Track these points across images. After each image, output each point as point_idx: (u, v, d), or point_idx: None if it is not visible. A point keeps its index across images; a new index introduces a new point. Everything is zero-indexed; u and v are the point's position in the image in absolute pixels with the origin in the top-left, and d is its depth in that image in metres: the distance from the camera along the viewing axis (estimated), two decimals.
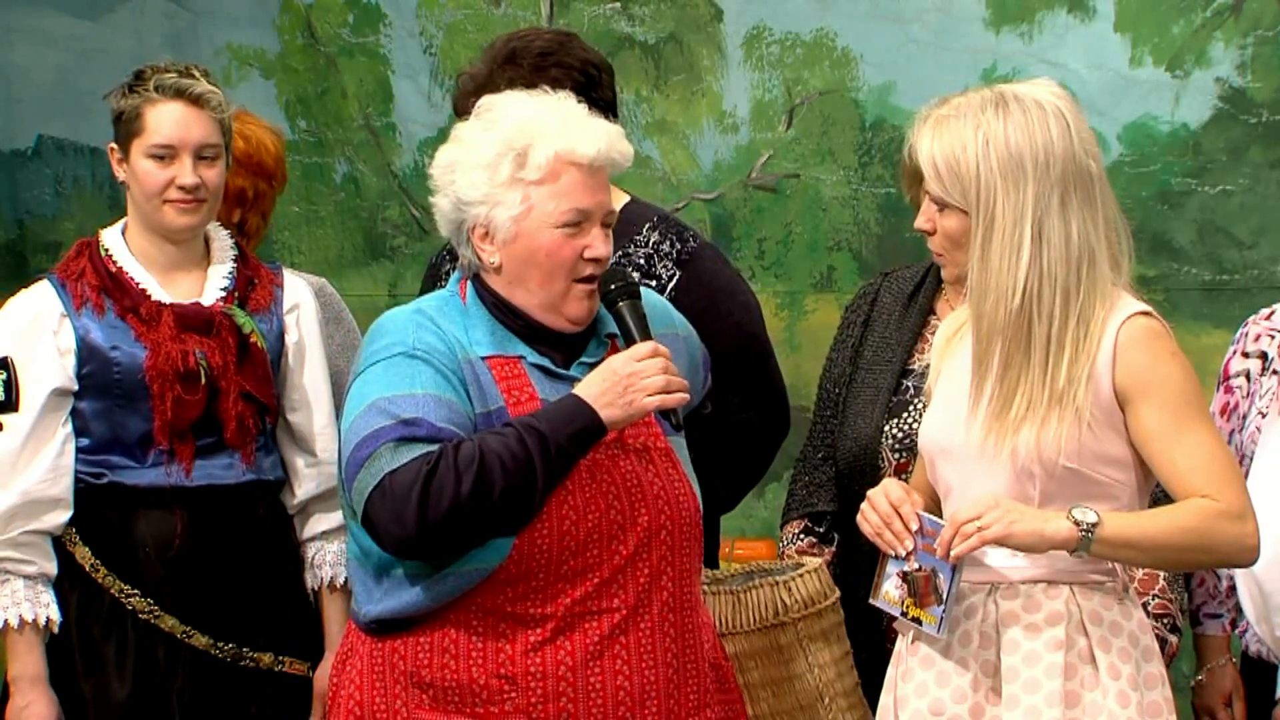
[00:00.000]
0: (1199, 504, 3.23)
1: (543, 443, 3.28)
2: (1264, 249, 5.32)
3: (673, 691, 3.40)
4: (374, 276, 6.13)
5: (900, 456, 4.01)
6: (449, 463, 3.25)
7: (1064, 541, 3.21)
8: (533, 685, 3.34)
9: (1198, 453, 3.24)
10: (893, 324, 4.12)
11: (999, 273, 3.26)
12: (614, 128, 3.45)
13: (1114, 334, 3.27)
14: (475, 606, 3.35)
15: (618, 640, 3.36)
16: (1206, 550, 3.26)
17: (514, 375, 3.40)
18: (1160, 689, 3.32)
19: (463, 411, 3.34)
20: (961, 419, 3.34)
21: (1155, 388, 3.26)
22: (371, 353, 3.40)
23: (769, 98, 5.77)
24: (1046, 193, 3.26)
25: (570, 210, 3.37)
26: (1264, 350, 3.98)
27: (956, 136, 3.29)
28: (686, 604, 3.44)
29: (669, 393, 3.35)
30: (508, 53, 4.07)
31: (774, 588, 3.79)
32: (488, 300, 3.45)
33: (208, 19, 6.22)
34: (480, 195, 3.39)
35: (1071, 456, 3.26)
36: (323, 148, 6.16)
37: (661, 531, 3.40)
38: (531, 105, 3.46)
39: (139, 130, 3.90)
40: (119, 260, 3.96)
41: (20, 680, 3.87)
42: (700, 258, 4.13)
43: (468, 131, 3.45)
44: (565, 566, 3.34)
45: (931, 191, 3.35)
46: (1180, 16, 5.38)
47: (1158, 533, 3.23)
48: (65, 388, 3.89)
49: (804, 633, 3.78)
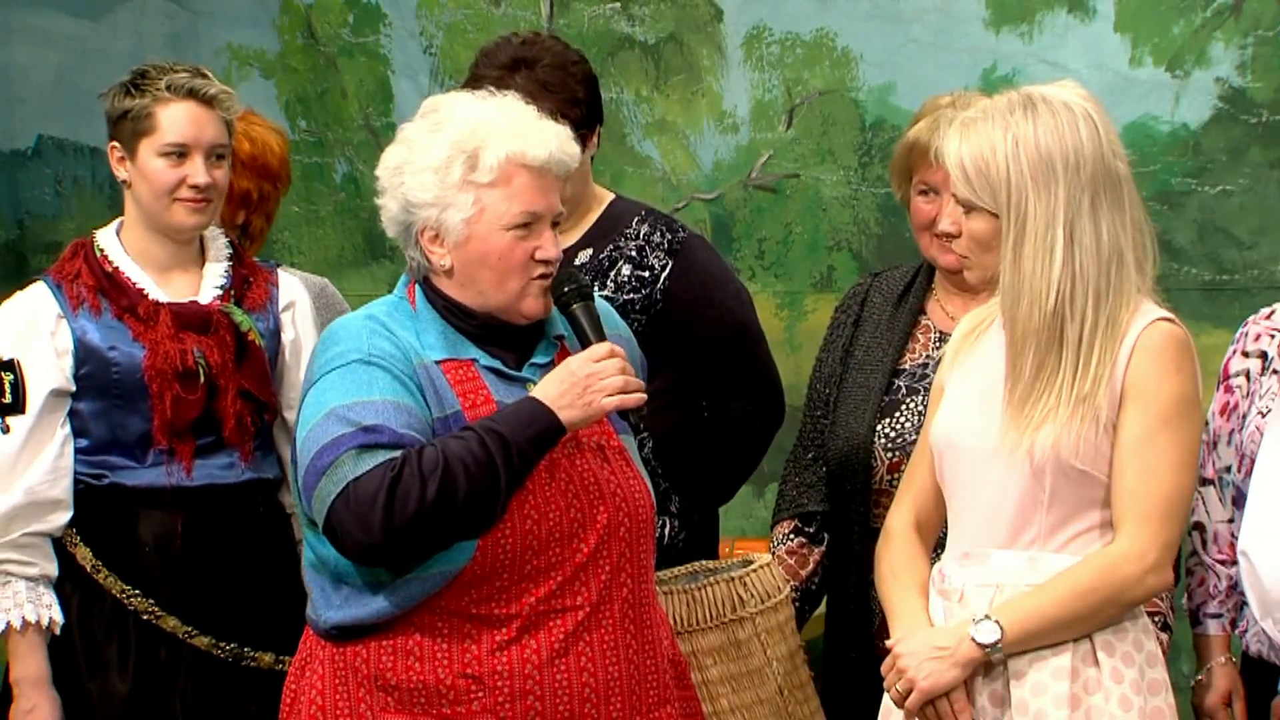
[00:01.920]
0: (1094, 559, 3.27)
1: (504, 445, 3.28)
2: (1264, 249, 5.32)
3: (634, 687, 3.41)
4: (374, 276, 6.13)
5: (893, 455, 4.01)
6: (413, 468, 3.25)
7: (973, 661, 3.27)
8: (499, 684, 3.34)
9: (1146, 477, 3.26)
10: (883, 324, 4.13)
11: (1032, 275, 3.26)
12: (563, 129, 3.44)
13: (1134, 337, 3.28)
14: (439, 609, 3.35)
15: (581, 638, 3.36)
16: (1115, 602, 3.28)
17: (468, 378, 3.40)
18: (1163, 695, 3.33)
19: (421, 417, 3.33)
20: (979, 416, 3.34)
21: (1145, 395, 3.26)
22: (326, 360, 3.38)
23: (769, 98, 5.77)
24: (1077, 194, 3.26)
25: (522, 212, 3.37)
26: (1264, 350, 3.98)
27: (985, 138, 3.28)
28: (644, 600, 3.45)
29: (627, 393, 3.35)
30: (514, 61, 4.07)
31: (730, 584, 3.81)
32: (438, 303, 3.44)
33: (208, 19, 6.22)
34: (430, 197, 3.38)
35: (1085, 459, 3.27)
36: (323, 148, 6.16)
37: (620, 529, 3.40)
38: (480, 107, 3.45)
39: (150, 129, 3.90)
40: (115, 260, 3.96)
41: (23, 682, 3.88)
42: (691, 247, 4.16)
43: (415, 132, 3.43)
44: (529, 566, 3.34)
45: (959, 194, 3.34)
46: (1180, 16, 5.37)
47: (1059, 611, 3.26)
48: (63, 389, 3.89)
49: (761, 627, 3.80)
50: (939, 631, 3.33)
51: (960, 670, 3.28)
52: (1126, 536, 3.26)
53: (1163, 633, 3.92)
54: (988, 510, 3.34)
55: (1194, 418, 3.30)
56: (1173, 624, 3.94)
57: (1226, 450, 3.98)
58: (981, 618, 3.27)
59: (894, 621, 3.42)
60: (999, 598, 3.32)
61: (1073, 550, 3.30)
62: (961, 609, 3.34)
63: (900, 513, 3.53)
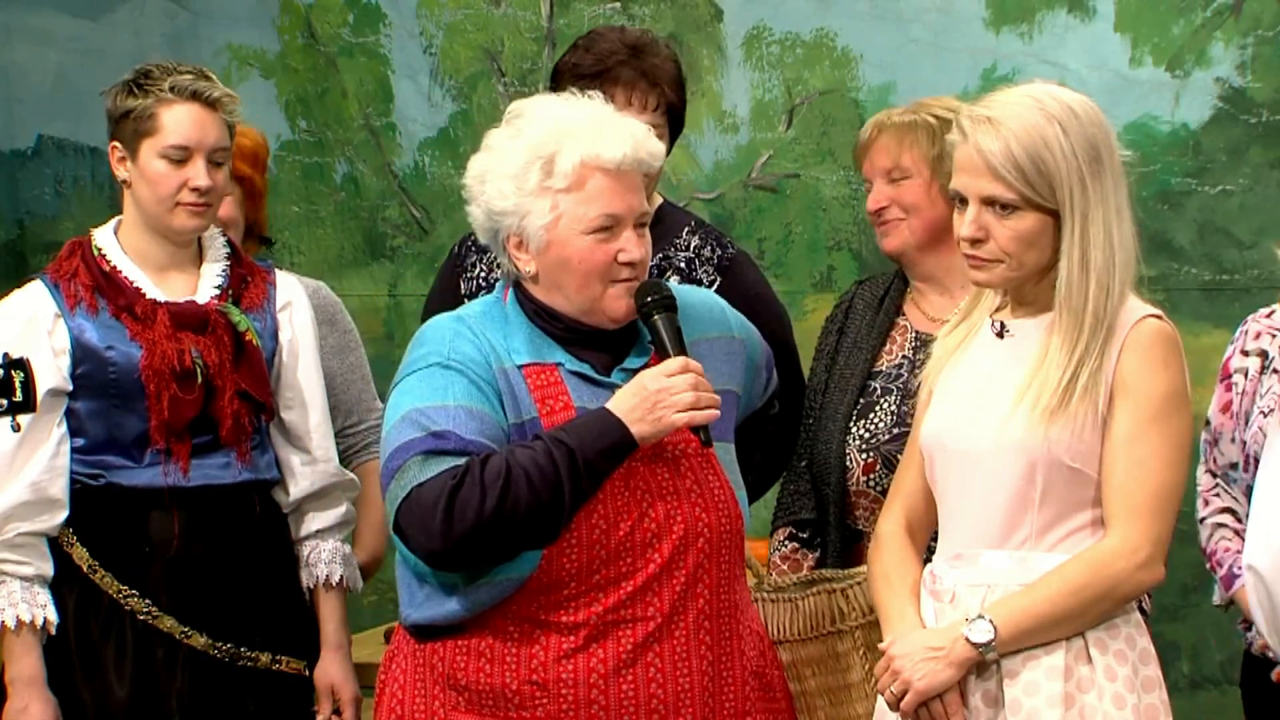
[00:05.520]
0: (1085, 556, 3.27)
1: (571, 458, 3.27)
2: (1264, 249, 5.32)
3: (708, 700, 3.38)
4: (374, 276, 6.12)
5: (867, 456, 4.01)
6: (474, 478, 3.25)
7: (968, 661, 3.27)
8: (564, 692, 3.33)
9: (1136, 472, 3.25)
10: (864, 329, 4.14)
11: (1100, 268, 3.25)
12: (642, 127, 3.42)
13: (1124, 334, 3.28)
14: (510, 613, 3.35)
15: (651, 649, 3.35)
16: (1108, 598, 3.27)
17: (550, 384, 3.39)
18: (1157, 692, 3.32)
19: (495, 423, 3.33)
20: (971, 418, 3.34)
21: (1135, 391, 3.26)
22: (409, 362, 3.41)
23: (769, 98, 5.76)
24: (1115, 184, 3.26)
25: (601, 215, 3.35)
26: (1264, 349, 3.98)
27: (1035, 132, 3.24)
28: (725, 611, 3.41)
29: (698, 409, 3.33)
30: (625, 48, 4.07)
31: (831, 595, 3.76)
32: (527, 307, 3.44)
33: (208, 19, 6.22)
34: (510, 205, 3.37)
35: (1077, 456, 3.27)
36: (323, 148, 6.16)
37: (699, 539, 3.38)
38: (558, 109, 3.43)
39: (152, 130, 3.90)
40: (112, 259, 3.96)
41: (18, 682, 3.87)
42: (739, 264, 4.16)
43: (497, 139, 3.43)
44: (597, 576, 3.33)
45: (997, 195, 3.27)
46: (1180, 16, 5.37)
47: (1053, 609, 3.25)
48: (60, 388, 3.89)
49: (861, 641, 3.74)
50: (933, 632, 3.33)
51: (955, 670, 3.28)
52: (1118, 532, 3.26)
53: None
54: (979, 511, 3.34)
55: (1184, 413, 3.30)
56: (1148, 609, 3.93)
57: (1230, 448, 3.98)
58: (975, 617, 3.27)
59: (886, 624, 3.41)
60: (990, 598, 3.32)
61: (1064, 549, 3.30)
62: (953, 610, 3.34)
63: (891, 517, 3.52)
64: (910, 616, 3.37)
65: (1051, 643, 3.27)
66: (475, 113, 5.99)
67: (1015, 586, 3.30)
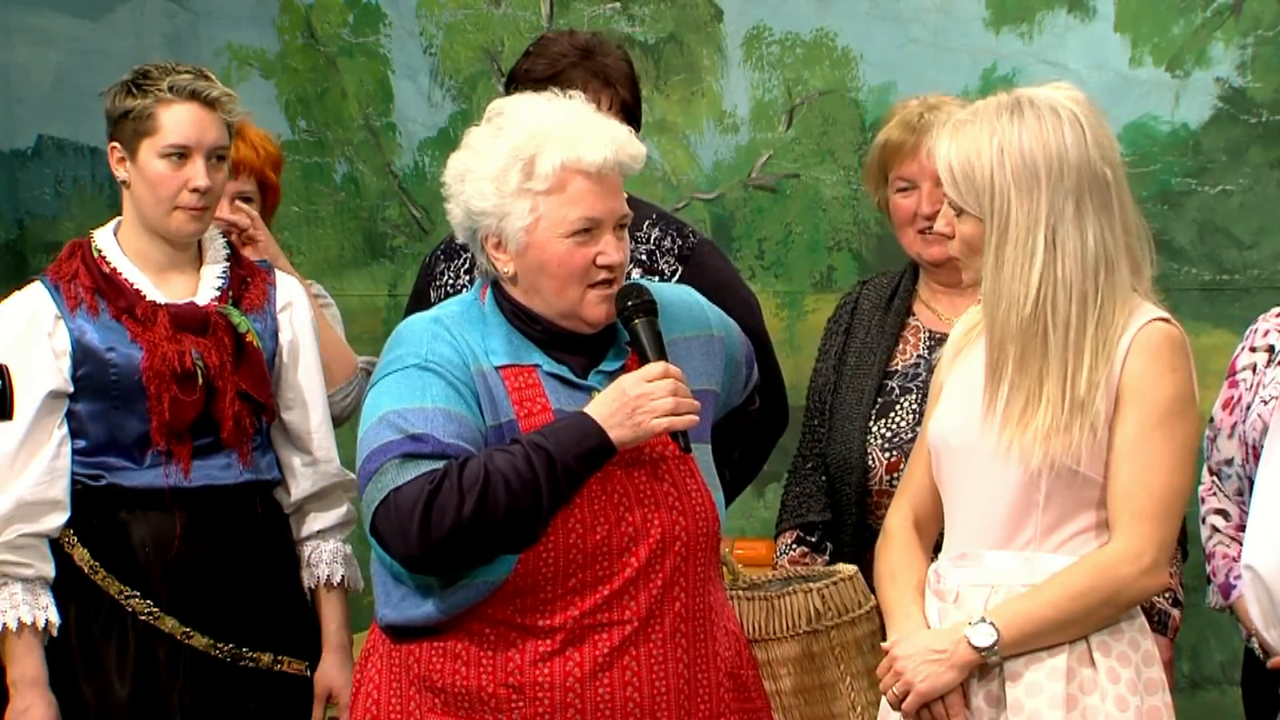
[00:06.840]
0: (1089, 560, 3.27)
1: (549, 463, 3.26)
2: (1264, 249, 5.32)
3: (684, 702, 3.38)
4: (374, 276, 6.12)
5: (891, 455, 4.02)
6: (452, 482, 3.25)
7: (970, 664, 3.28)
8: (540, 695, 3.33)
9: (1141, 476, 3.26)
10: (873, 329, 4.14)
11: (1011, 280, 3.27)
12: (623, 130, 3.41)
13: (1130, 338, 3.28)
14: (486, 616, 3.35)
15: (628, 652, 3.35)
16: (1112, 602, 3.28)
17: (528, 385, 3.38)
18: (1160, 694, 3.32)
19: (473, 425, 3.32)
20: (974, 417, 3.34)
21: (1141, 395, 3.27)
22: (386, 363, 3.40)
23: (769, 98, 5.76)
24: (1061, 200, 3.26)
25: (580, 219, 3.34)
26: (1272, 344, 3.98)
27: (972, 143, 3.29)
28: (700, 614, 3.42)
29: (678, 414, 3.32)
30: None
31: (808, 594, 3.76)
32: (506, 308, 3.43)
33: (208, 19, 6.22)
34: (489, 206, 3.36)
35: (1082, 461, 3.27)
36: (323, 148, 6.16)
37: (675, 543, 3.38)
38: (540, 109, 3.41)
39: (151, 130, 3.90)
40: (112, 261, 3.96)
41: (20, 683, 3.87)
42: (701, 253, 4.14)
43: (478, 138, 3.42)
44: (573, 580, 3.33)
45: (949, 197, 3.34)
46: (1180, 16, 5.37)
47: (1056, 613, 3.26)
48: (61, 390, 3.89)
49: (837, 641, 3.75)
50: (936, 634, 3.33)
51: (957, 673, 3.28)
52: (1122, 537, 3.26)
53: (1173, 609, 3.92)
54: (983, 511, 3.34)
55: (1190, 417, 3.30)
56: (1183, 600, 3.93)
57: (1228, 444, 3.98)
58: (978, 620, 3.27)
59: (890, 623, 3.42)
60: (994, 598, 3.32)
61: (1068, 551, 3.30)
62: (956, 610, 3.34)
63: (899, 512, 3.53)
64: (915, 616, 3.37)
65: (1055, 645, 3.28)
66: (475, 113, 5.93)
67: (1019, 587, 3.30)
